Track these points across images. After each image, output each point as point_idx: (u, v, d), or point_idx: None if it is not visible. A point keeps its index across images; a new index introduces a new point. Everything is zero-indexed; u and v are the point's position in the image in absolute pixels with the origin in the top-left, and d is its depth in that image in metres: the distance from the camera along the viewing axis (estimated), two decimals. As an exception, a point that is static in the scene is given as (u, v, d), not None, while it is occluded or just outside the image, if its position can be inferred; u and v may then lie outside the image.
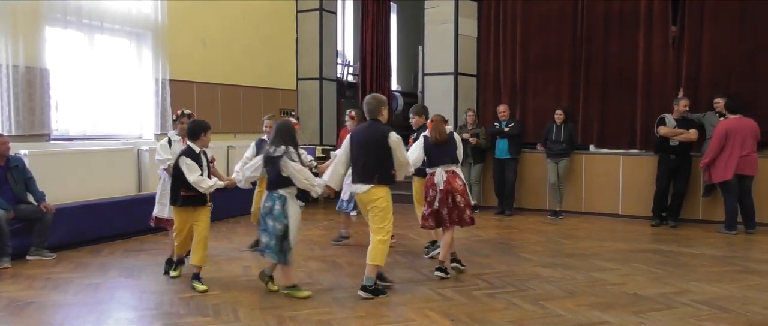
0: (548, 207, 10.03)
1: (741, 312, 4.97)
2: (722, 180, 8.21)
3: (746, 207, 8.32)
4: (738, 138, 8.08)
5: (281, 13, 11.65)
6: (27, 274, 6.14)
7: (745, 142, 8.10)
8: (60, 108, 8.02)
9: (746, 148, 8.12)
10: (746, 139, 8.12)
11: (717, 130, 8.25)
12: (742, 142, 8.09)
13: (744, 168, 8.14)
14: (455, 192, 5.98)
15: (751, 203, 8.32)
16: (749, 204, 8.32)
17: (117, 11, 8.50)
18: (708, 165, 8.32)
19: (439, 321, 4.77)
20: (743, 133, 8.11)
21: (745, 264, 6.65)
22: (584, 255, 7.08)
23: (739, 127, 8.13)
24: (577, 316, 4.87)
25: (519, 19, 10.82)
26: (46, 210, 6.82)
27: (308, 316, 4.87)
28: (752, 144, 8.19)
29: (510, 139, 9.81)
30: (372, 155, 5.39)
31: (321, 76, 11.87)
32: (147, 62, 8.95)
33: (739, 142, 8.08)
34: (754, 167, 8.23)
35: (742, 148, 8.10)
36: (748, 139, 8.14)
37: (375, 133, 5.45)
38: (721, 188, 8.39)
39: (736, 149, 8.08)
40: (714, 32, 9.41)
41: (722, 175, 8.18)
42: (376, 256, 5.35)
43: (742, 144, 8.09)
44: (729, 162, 8.11)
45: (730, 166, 8.11)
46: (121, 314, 5.05)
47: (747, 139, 8.12)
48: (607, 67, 10.19)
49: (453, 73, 10.96)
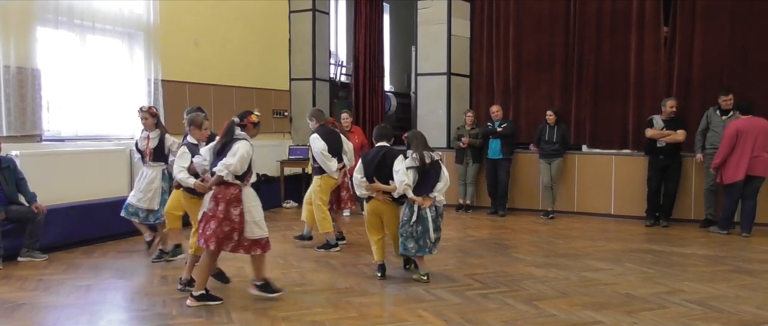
0: (541, 208, 10.06)
1: (733, 312, 4.99)
2: (734, 181, 8.02)
3: (747, 210, 8.12)
4: (749, 138, 7.89)
5: (274, 13, 11.63)
6: (18, 275, 6.11)
7: (756, 143, 7.90)
8: (52, 108, 7.96)
9: (757, 148, 7.91)
10: (758, 139, 7.90)
11: (728, 130, 8.05)
12: (754, 143, 7.89)
13: (755, 169, 7.95)
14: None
15: (754, 205, 8.11)
16: (752, 207, 8.11)
17: (109, 11, 8.46)
18: (719, 166, 8.15)
19: (432, 321, 4.77)
20: (755, 133, 7.90)
21: (737, 263, 6.68)
22: (577, 255, 7.10)
23: (751, 127, 7.94)
24: (570, 316, 4.88)
25: (512, 20, 10.85)
26: (37, 211, 6.78)
27: (301, 317, 4.86)
28: (764, 144, 7.97)
29: (503, 139, 9.83)
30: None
31: (314, 76, 11.86)
32: (139, 62, 8.91)
33: (751, 142, 7.89)
34: (765, 168, 8.01)
35: (753, 148, 7.90)
36: (760, 139, 7.91)
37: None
38: (725, 188, 8.22)
39: (747, 150, 7.89)
40: (705, 33, 9.46)
41: (733, 176, 7.99)
42: None
43: (753, 144, 7.89)
44: (740, 163, 7.93)
45: (741, 167, 7.92)
46: (113, 315, 5.03)
47: (759, 140, 7.91)
48: (599, 68, 10.24)
49: (446, 73, 10.97)
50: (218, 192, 5.03)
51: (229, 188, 5.02)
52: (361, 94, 13.26)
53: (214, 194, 5.05)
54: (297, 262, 6.67)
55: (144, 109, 6.86)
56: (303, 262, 6.69)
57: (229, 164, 4.95)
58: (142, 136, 6.86)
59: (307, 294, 5.49)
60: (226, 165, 4.95)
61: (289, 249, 7.35)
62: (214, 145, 5.19)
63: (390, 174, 5.83)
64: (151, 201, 6.80)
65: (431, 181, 5.82)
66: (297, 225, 8.65)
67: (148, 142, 6.78)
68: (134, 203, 6.83)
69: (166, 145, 6.82)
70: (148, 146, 6.77)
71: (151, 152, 6.77)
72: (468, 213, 10.21)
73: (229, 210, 4.99)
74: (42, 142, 7.68)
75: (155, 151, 6.79)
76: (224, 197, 5.00)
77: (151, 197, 6.79)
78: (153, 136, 6.77)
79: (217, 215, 4.99)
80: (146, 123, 6.80)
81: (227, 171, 4.95)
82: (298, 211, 10.51)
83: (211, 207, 5.03)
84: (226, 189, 5.02)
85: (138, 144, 6.92)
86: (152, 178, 6.80)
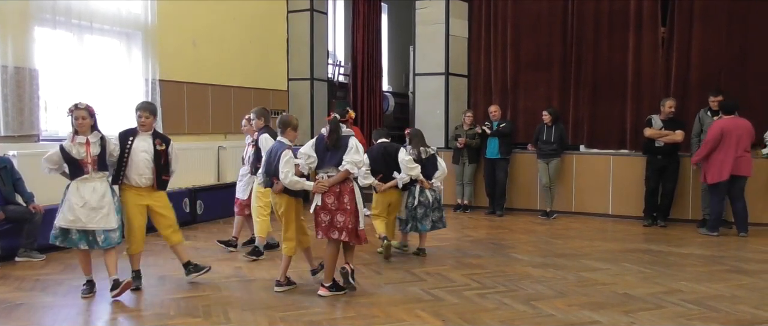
0: (539, 208, 10.06)
1: (730, 312, 5.00)
2: (718, 181, 8.03)
3: (739, 210, 8.13)
4: (733, 138, 7.91)
5: (272, 13, 11.62)
6: (16, 276, 6.11)
7: (739, 142, 7.92)
8: (49, 109, 7.96)
9: (740, 148, 7.94)
10: (741, 139, 7.93)
11: (712, 129, 8.08)
12: (737, 142, 7.91)
13: (739, 168, 7.97)
14: None
15: (743, 205, 8.12)
16: (742, 206, 8.12)
17: (106, 11, 8.45)
18: (699, 162, 8.23)
19: (430, 321, 4.77)
20: (738, 132, 7.92)
21: (735, 263, 6.69)
22: (575, 255, 7.10)
23: (734, 126, 7.96)
24: (568, 316, 4.88)
25: (509, 20, 10.86)
26: (35, 211, 6.78)
27: (299, 316, 4.86)
28: (747, 144, 8.02)
29: (500, 139, 9.84)
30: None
31: (312, 76, 11.85)
32: (137, 62, 8.91)
33: (734, 142, 7.90)
34: (748, 168, 8.05)
35: (737, 148, 7.92)
36: (743, 139, 7.95)
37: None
38: (711, 188, 8.22)
39: (731, 149, 7.91)
40: (703, 33, 9.47)
41: (718, 176, 8.00)
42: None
43: (736, 144, 7.91)
44: (725, 162, 7.94)
45: (725, 167, 7.94)
46: (110, 315, 5.02)
47: (742, 139, 7.94)
48: (597, 68, 10.25)
49: (444, 73, 10.98)
50: (342, 187, 5.29)
51: (348, 182, 5.34)
52: (359, 94, 13.25)
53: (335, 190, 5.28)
54: (295, 262, 6.63)
55: (80, 107, 5.33)
56: (301, 262, 6.67)
57: (357, 161, 5.29)
58: (77, 142, 5.31)
59: (305, 294, 5.49)
60: (355, 162, 5.26)
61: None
62: (314, 144, 5.41)
63: (392, 165, 6.74)
64: (108, 218, 5.38)
65: (429, 171, 6.97)
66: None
67: (87, 148, 5.31)
68: (80, 226, 5.30)
69: (108, 150, 5.47)
70: (90, 152, 5.31)
71: (94, 160, 5.33)
72: (466, 213, 10.22)
73: (354, 202, 5.32)
74: (39, 142, 7.67)
75: (99, 159, 5.38)
76: (347, 190, 5.31)
77: (105, 213, 5.36)
78: (93, 141, 5.35)
79: (344, 207, 5.28)
80: (83, 124, 5.31)
81: (357, 167, 5.33)
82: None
83: (334, 202, 5.29)
84: (347, 183, 5.33)
85: (69, 151, 5.31)
86: (104, 192, 5.38)
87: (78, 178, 5.31)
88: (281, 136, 5.54)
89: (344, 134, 5.39)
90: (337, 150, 5.30)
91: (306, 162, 5.40)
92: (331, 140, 5.32)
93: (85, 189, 5.29)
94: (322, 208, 5.32)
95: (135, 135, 5.61)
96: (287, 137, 5.52)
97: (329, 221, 5.31)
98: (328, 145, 5.33)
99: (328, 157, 5.32)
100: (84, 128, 5.32)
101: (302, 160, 5.40)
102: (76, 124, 5.30)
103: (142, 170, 5.55)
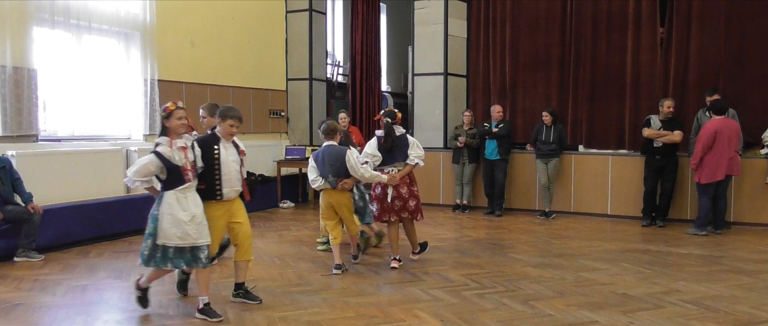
0: (538, 208, 10.07)
1: (729, 312, 5.00)
2: (712, 181, 8.10)
3: (720, 208, 8.36)
4: (725, 138, 8.02)
5: (270, 13, 11.63)
6: (14, 276, 6.10)
7: (730, 143, 8.05)
8: (48, 108, 7.96)
9: (731, 149, 8.07)
10: (731, 140, 8.07)
11: (706, 130, 8.13)
12: (728, 143, 8.03)
13: (732, 169, 8.11)
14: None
15: (726, 203, 8.44)
16: (724, 205, 8.40)
17: (105, 11, 8.45)
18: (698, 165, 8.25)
19: (428, 322, 4.77)
20: (729, 133, 8.05)
21: (733, 263, 6.70)
22: (573, 255, 7.11)
23: (726, 127, 8.07)
24: (567, 316, 4.89)
25: (508, 20, 10.86)
26: (33, 212, 6.77)
27: (298, 317, 4.86)
28: (736, 144, 8.17)
29: (499, 139, 9.84)
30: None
31: (311, 76, 11.85)
32: (135, 62, 8.90)
33: (726, 142, 8.02)
34: (739, 168, 8.25)
35: (729, 149, 8.03)
36: (733, 140, 8.09)
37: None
38: (700, 188, 8.30)
39: (724, 150, 8.01)
40: (701, 33, 9.48)
41: (713, 176, 8.07)
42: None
43: (728, 145, 8.02)
44: (719, 163, 8.02)
45: (720, 167, 8.02)
46: (109, 315, 5.01)
47: (732, 140, 8.08)
48: (595, 68, 10.25)
49: (443, 73, 10.98)
50: (411, 177, 6.43)
51: (412, 172, 6.46)
52: (358, 94, 13.26)
53: (405, 180, 6.35)
54: (294, 262, 6.67)
55: (181, 106, 4.72)
56: (300, 262, 6.69)
57: (420, 155, 6.36)
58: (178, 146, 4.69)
59: (304, 294, 5.49)
60: (420, 156, 6.35)
61: (285, 250, 7.35)
62: (375, 145, 6.30)
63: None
64: (208, 232, 4.81)
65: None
66: (293, 225, 8.65)
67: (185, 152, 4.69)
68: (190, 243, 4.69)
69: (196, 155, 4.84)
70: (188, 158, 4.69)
71: (193, 166, 4.72)
72: (465, 213, 10.22)
73: (416, 187, 6.51)
74: (38, 142, 7.67)
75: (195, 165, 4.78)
76: (414, 179, 6.48)
77: (206, 227, 4.80)
78: (189, 145, 4.79)
79: (415, 193, 6.43)
80: (183, 126, 4.76)
81: (422, 160, 6.36)
82: (294, 211, 10.54)
83: (406, 191, 6.35)
84: (412, 173, 6.46)
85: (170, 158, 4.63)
86: (201, 203, 4.80)
87: (177, 188, 4.63)
88: (329, 140, 6.21)
89: (399, 134, 6.34)
90: (396, 148, 6.27)
91: (372, 160, 6.28)
92: (389, 141, 6.26)
93: (187, 201, 4.66)
94: (396, 197, 6.30)
95: (218, 142, 4.92)
96: (334, 140, 6.23)
97: (402, 205, 6.33)
98: (386, 145, 6.26)
99: (391, 154, 6.28)
100: (183, 130, 4.71)
101: (370, 159, 6.27)
102: (176, 125, 4.64)
103: (234, 182, 4.96)
